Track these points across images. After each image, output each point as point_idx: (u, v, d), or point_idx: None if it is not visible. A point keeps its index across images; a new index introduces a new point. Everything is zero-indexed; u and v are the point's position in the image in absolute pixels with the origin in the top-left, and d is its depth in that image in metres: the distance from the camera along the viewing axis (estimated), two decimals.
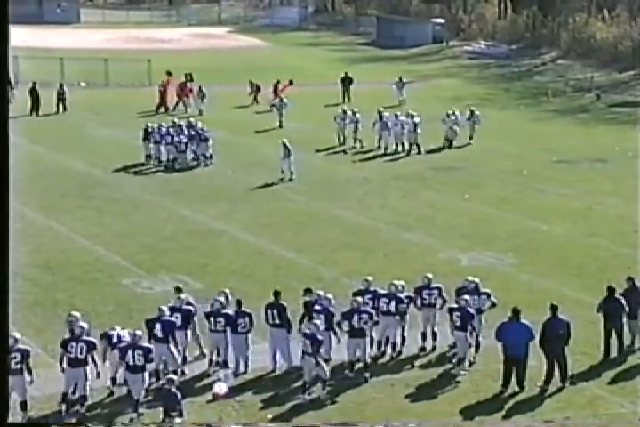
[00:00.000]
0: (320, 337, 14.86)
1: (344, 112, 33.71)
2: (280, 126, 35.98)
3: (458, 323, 15.61)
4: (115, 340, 14.84)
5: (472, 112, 34.16)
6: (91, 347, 14.23)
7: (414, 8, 71.66)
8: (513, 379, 15.13)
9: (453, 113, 33.75)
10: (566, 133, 36.94)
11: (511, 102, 43.37)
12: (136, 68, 45.70)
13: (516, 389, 15.15)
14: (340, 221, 24.83)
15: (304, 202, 26.68)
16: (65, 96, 38.81)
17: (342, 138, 33.22)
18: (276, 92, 40.58)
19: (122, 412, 14.36)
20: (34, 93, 38.23)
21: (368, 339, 15.75)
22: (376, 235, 23.63)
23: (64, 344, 14.32)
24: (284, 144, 28.58)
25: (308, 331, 15.03)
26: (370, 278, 16.70)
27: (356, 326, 15.44)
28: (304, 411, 14.56)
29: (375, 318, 15.64)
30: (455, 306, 15.80)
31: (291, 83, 41.56)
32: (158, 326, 15.08)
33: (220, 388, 14.71)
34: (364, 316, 15.47)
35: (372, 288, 16.45)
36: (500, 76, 52.23)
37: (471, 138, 33.81)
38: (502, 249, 22.33)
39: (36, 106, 38.16)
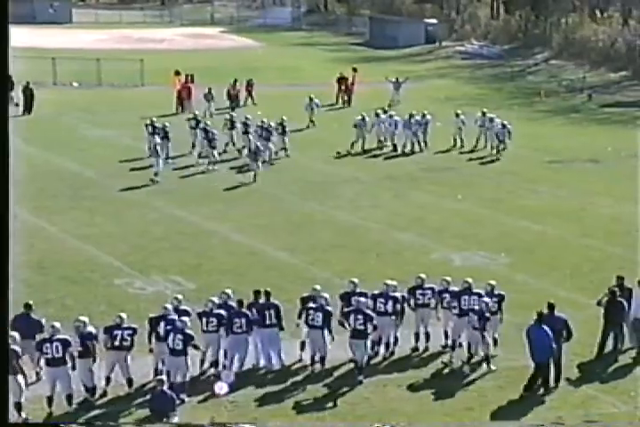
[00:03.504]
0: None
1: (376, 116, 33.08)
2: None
3: (476, 324, 15.65)
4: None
5: (484, 113, 33.29)
6: (66, 345, 14.25)
7: (407, 8, 71.69)
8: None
9: (463, 114, 33.59)
10: (559, 133, 36.98)
11: (504, 102, 43.39)
12: (129, 68, 45.62)
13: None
14: (332, 221, 24.81)
15: (296, 202, 26.66)
16: (32, 96, 38.08)
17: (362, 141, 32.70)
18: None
19: (114, 412, 14.32)
20: (27, 93, 38.13)
21: (369, 341, 15.73)
22: (368, 235, 23.61)
23: (39, 346, 14.34)
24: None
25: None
26: (356, 280, 16.68)
27: (353, 326, 15.44)
28: (297, 411, 14.54)
29: (375, 321, 15.57)
30: (475, 308, 15.81)
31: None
32: (162, 324, 15.04)
33: (221, 388, 14.71)
34: (360, 317, 15.44)
35: (358, 290, 16.42)
36: (492, 77, 52.28)
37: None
38: (495, 249, 22.33)
39: (29, 106, 38.05)
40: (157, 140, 30.01)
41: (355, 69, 42.79)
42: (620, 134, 36.97)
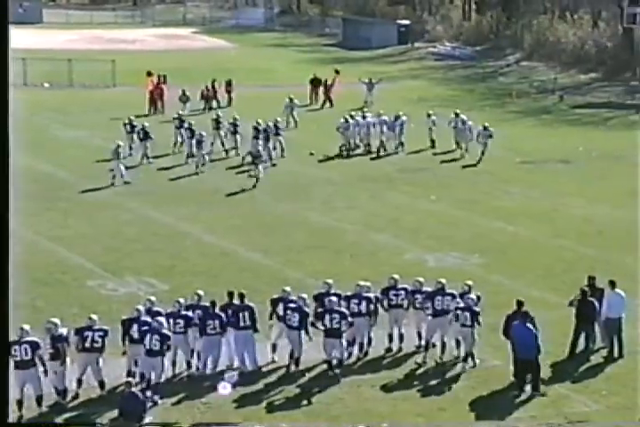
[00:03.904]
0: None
1: (351, 117, 33.01)
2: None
3: (467, 322, 15.77)
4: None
5: (457, 114, 33.44)
6: (34, 347, 14.18)
7: (380, 9, 71.83)
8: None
9: (434, 114, 33.67)
10: (530, 134, 37.18)
11: (476, 104, 43.57)
12: (100, 69, 45.38)
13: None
14: (306, 222, 24.80)
15: (270, 203, 26.63)
16: None
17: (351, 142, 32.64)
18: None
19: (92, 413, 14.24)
20: None
21: (344, 340, 15.75)
22: (342, 236, 23.63)
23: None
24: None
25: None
26: (330, 281, 16.70)
27: (329, 325, 15.45)
28: (271, 411, 14.52)
29: (350, 319, 15.65)
30: (462, 306, 15.94)
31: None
32: (135, 326, 14.97)
33: (225, 388, 14.72)
34: (336, 316, 15.47)
35: (332, 291, 16.45)
36: (464, 78, 52.50)
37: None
38: (469, 250, 22.42)
39: None
40: (136, 140, 30.07)
41: (337, 71, 42.83)
42: (590, 135, 37.25)
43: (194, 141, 30.25)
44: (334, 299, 15.86)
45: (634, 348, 16.70)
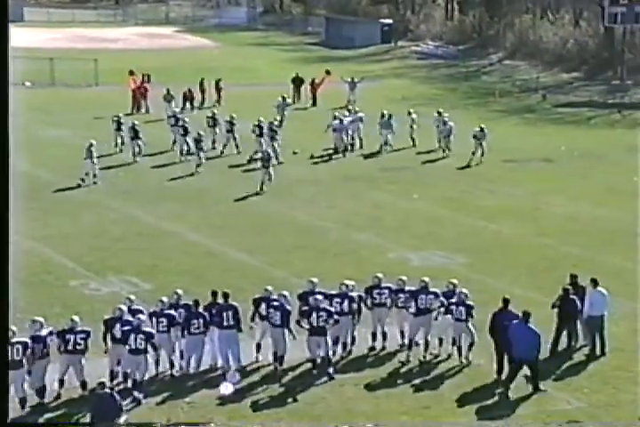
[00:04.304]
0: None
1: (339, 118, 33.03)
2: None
3: (462, 316, 15.94)
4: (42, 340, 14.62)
5: (440, 113, 33.43)
6: (25, 347, 14.11)
7: (363, 8, 71.91)
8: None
9: (415, 112, 33.70)
10: (513, 133, 37.31)
11: (459, 102, 43.69)
12: (82, 68, 45.23)
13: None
14: (290, 222, 24.79)
15: (255, 203, 26.60)
16: None
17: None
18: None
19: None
20: None
21: (329, 337, 15.76)
22: (326, 235, 23.63)
23: None
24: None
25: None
26: (315, 280, 16.70)
27: (315, 324, 15.46)
28: (254, 411, 14.50)
29: (335, 317, 15.67)
30: (455, 300, 16.13)
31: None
32: (117, 326, 14.93)
33: (227, 388, 14.74)
34: (323, 314, 15.48)
35: (317, 289, 16.46)
36: (448, 77, 52.60)
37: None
38: (452, 249, 22.46)
39: None
40: (126, 139, 30.16)
41: (328, 72, 42.76)
42: (573, 134, 37.43)
43: (188, 139, 30.42)
44: (320, 297, 15.86)
45: (616, 345, 16.79)
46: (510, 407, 14.71)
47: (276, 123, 32.18)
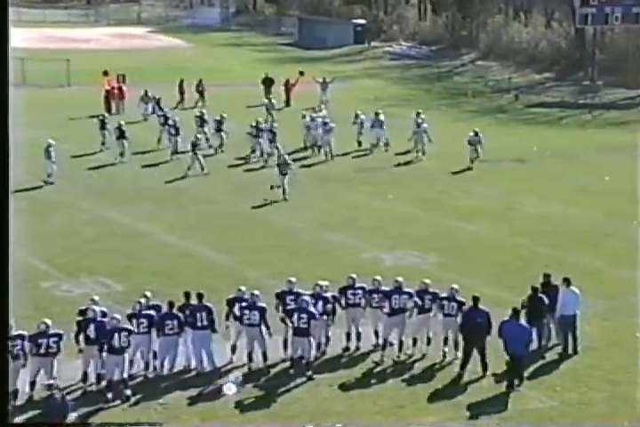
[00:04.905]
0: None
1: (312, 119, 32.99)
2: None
3: (452, 311, 16.10)
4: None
5: (418, 114, 33.37)
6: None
7: (336, 9, 71.94)
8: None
9: (383, 113, 33.77)
10: (486, 133, 37.30)
11: (432, 103, 43.81)
12: (54, 68, 44.92)
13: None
14: (264, 222, 24.77)
15: (228, 203, 26.56)
16: None
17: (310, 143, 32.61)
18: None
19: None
20: None
21: (312, 338, 15.77)
22: (300, 236, 23.64)
23: None
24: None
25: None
26: (293, 279, 16.71)
27: (296, 324, 15.48)
28: (228, 411, 14.48)
29: (318, 318, 15.69)
30: (446, 295, 16.29)
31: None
32: (92, 326, 14.84)
33: (230, 389, 14.73)
34: (304, 316, 15.48)
35: (294, 289, 16.47)
36: (421, 77, 52.76)
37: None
38: (426, 249, 22.54)
39: None
40: (113, 139, 30.31)
41: (301, 73, 42.77)
42: (544, 134, 37.65)
43: (178, 139, 30.52)
44: (307, 298, 15.85)
45: (588, 344, 16.92)
46: (482, 406, 14.79)
47: (275, 124, 32.20)
